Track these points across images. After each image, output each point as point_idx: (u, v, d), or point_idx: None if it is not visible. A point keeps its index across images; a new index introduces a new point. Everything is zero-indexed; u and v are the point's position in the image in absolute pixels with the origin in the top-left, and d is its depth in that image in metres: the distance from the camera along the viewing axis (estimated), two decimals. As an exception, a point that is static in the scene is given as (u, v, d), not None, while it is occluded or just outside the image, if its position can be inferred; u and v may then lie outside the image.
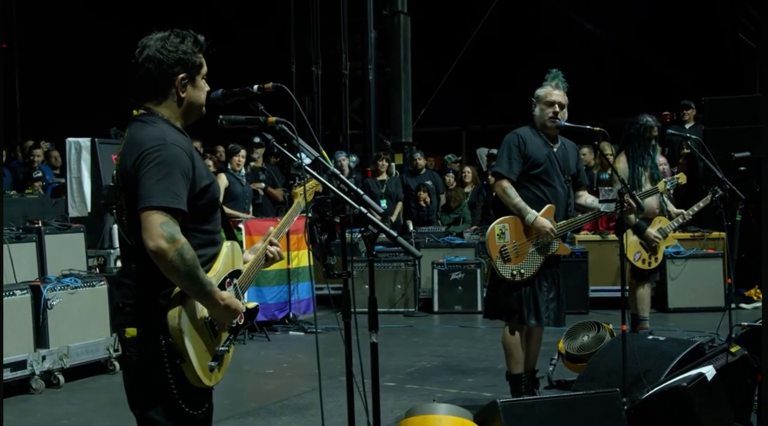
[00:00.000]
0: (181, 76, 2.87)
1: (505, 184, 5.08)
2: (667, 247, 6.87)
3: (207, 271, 2.84)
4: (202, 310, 2.81)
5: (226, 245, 3.00)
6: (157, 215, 2.67)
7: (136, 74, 2.90)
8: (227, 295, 2.83)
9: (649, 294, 6.82)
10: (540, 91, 5.15)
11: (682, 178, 6.30)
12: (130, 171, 2.76)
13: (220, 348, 2.90)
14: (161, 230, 2.66)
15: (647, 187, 6.48)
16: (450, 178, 12.09)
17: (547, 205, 5.10)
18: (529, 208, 5.05)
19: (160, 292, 2.78)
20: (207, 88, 3.00)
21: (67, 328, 6.57)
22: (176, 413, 2.81)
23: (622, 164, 6.51)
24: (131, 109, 2.93)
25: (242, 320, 2.99)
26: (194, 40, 2.91)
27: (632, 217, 6.35)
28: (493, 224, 5.11)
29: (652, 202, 6.53)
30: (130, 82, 2.94)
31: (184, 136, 2.91)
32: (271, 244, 3.15)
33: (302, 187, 3.18)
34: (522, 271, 5.04)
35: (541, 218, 5.06)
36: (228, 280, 2.95)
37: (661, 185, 6.16)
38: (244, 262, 3.11)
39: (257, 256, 3.14)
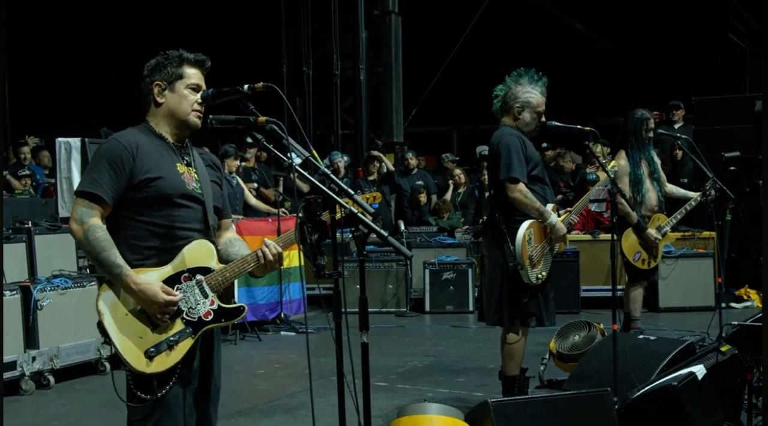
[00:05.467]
0: (157, 82, 3.13)
1: (524, 188, 4.95)
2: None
3: (160, 264, 3.03)
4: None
5: (194, 242, 3.10)
6: (77, 200, 2.99)
7: None
8: (143, 281, 2.95)
9: (642, 294, 6.81)
10: (531, 99, 5.05)
11: (612, 163, 6.24)
12: None
13: (170, 338, 2.99)
14: (75, 213, 2.97)
15: (647, 183, 6.49)
16: (451, 182, 12.07)
17: (550, 204, 5.10)
18: (549, 211, 5.02)
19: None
20: (197, 98, 3.15)
21: (57, 328, 6.56)
22: (131, 397, 3.01)
23: (622, 161, 6.48)
24: None
25: (209, 317, 3.08)
26: (179, 56, 3.16)
27: (633, 214, 6.36)
28: (522, 231, 4.89)
29: (651, 197, 6.54)
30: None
31: (153, 137, 3.12)
32: (265, 245, 3.15)
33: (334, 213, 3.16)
34: (543, 273, 5.01)
35: (560, 222, 5.07)
36: (186, 274, 3.06)
37: (603, 177, 6.09)
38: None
39: (244, 257, 3.17)
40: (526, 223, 4.93)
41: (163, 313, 2.98)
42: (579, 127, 5.00)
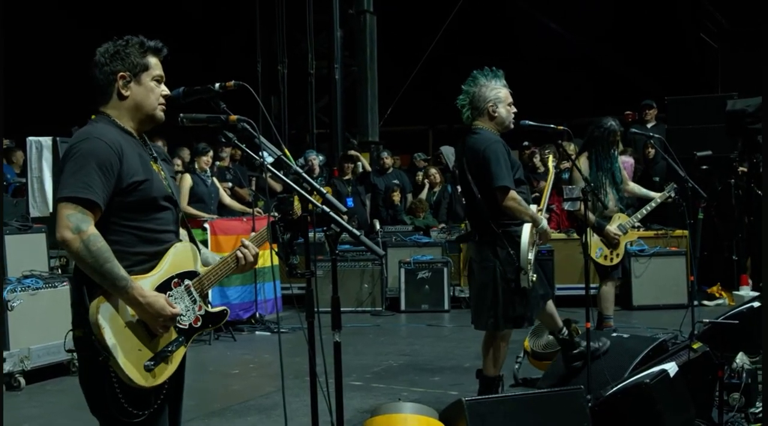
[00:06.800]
0: (122, 73, 2.92)
1: (516, 195, 4.89)
2: (630, 245, 6.91)
3: (148, 270, 2.87)
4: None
5: (178, 245, 2.98)
6: (67, 206, 2.72)
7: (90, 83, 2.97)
8: (150, 293, 2.79)
9: (613, 292, 6.86)
10: (499, 94, 5.02)
11: (551, 159, 6.35)
12: (60, 167, 2.84)
13: (165, 348, 2.87)
14: (67, 221, 2.70)
15: (608, 188, 6.56)
16: (420, 177, 12.11)
17: (534, 206, 5.08)
18: (540, 216, 5.01)
19: (90, 289, 2.79)
20: (162, 90, 3.00)
21: (28, 329, 6.47)
22: (124, 414, 2.80)
23: (583, 165, 6.54)
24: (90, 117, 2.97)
25: (198, 323, 2.99)
26: (140, 43, 2.96)
27: (591, 216, 6.41)
28: (527, 236, 4.86)
29: (609, 201, 6.61)
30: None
31: (123, 133, 2.91)
32: (244, 247, 3.08)
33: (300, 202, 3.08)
34: (535, 276, 5.01)
35: (548, 227, 5.08)
36: (176, 280, 2.93)
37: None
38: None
39: (224, 259, 3.09)
40: (527, 228, 4.90)
41: (166, 326, 2.84)
42: (552, 126, 5.02)
